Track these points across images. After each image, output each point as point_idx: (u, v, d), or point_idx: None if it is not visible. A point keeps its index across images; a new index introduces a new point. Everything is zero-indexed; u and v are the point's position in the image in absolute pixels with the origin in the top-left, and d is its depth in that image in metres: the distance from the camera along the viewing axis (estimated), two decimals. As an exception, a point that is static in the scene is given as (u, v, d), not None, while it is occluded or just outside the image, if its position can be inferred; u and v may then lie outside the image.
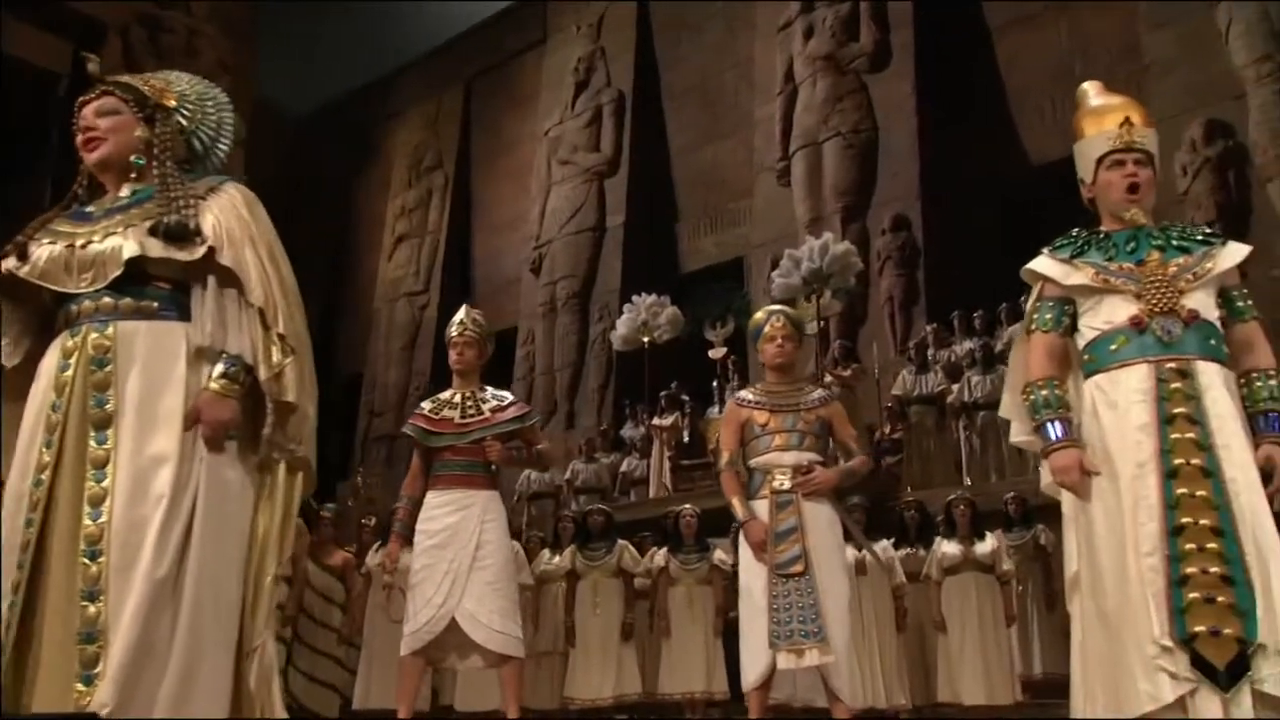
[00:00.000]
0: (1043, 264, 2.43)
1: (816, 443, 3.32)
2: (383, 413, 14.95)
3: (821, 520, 3.23)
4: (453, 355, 3.59)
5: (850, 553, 5.63)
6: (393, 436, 14.51)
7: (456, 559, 3.31)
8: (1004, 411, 2.54)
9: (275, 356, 1.95)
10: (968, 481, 7.99)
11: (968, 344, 9.29)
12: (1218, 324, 2.26)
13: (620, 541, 5.84)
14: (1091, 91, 2.56)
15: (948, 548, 5.51)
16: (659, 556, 5.77)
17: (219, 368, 1.93)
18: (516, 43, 15.50)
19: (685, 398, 10.24)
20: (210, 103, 2.26)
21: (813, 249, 8.90)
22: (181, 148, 2.18)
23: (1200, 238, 2.35)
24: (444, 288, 15.13)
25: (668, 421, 9.72)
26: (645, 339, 10.30)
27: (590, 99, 14.15)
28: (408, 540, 3.45)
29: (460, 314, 3.65)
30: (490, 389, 3.64)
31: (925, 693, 5.74)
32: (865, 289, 10.78)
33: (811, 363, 9.98)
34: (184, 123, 2.20)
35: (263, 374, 1.93)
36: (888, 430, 9.17)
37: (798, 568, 3.11)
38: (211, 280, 2.00)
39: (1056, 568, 6.93)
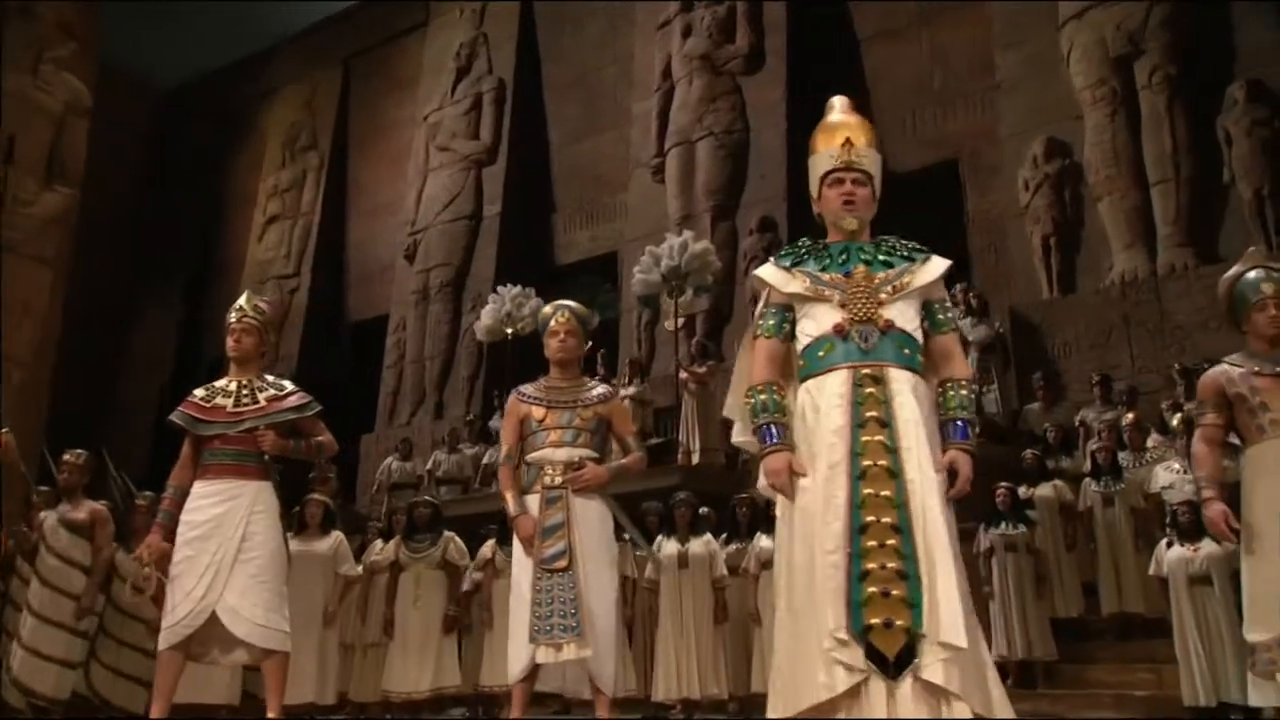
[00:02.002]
0: (766, 271, 2.53)
1: (593, 439, 3.37)
2: (247, 398, 14.45)
3: (591, 516, 3.28)
4: (230, 341, 3.51)
5: (674, 546, 5.77)
6: (256, 423, 14.09)
7: (220, 551, 3.24)
8: (727, 412, 2.64)
9: None
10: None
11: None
12: (915, 334, 2.39)
13: (446, 533, 5.81)
14: (837, 106, 2.66)
15: (765, 542, 5.66)
16: (486, 548, 5.78)
17: None
18: (398, 24, 15.19)
19: (551, 390, 10.27)
20: None
21: (672, 247, 9.02)
22: None
23: (905, 253, 2.47)
24: (315, 272, 14.75)
25: (528, 414, 9.71)
26: (509, 330, 10.26)
27: (471, 86, 13.99)
28: (171, 531, 3.36)
29: (241, 300, 3.57)
30: (271, 378, 3.56)
31: (747, 683, 5.90)
32: (732, 288, 10.99)
33: (671, 361, 10.14)
34: None
35: None
36: (744, 427, 9.36)
37: (561, 563, 3.16)
38: None
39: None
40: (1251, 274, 3.26)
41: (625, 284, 11.79)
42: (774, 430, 2.36)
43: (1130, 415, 7.24)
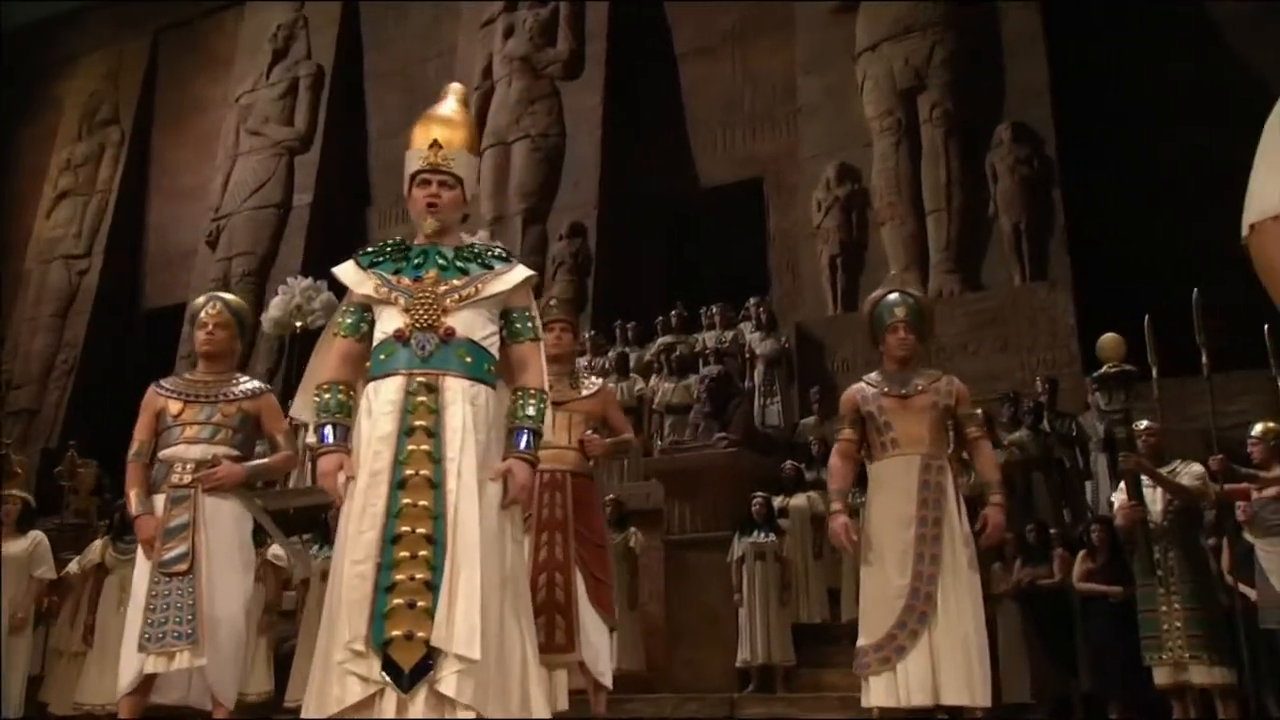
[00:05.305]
0: (345, 269, 2.46)
1: (234, 436, 3.22)
2: (23, 385, 13.42)
3: (223, 517, 3.13)
4: None
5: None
6: (32, 411, 13.10)
7: None
8: (294, 412, 2.57)
9: None
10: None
11: (623, 350, 9.71)
12: (484, 343, 2.36)
13: (163, 534, 5.48)
14: (447, 95, 2.60)
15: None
16: (95, 547, 5.52)
17: None
18: (214, -1, 14.48)
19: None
20: None
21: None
22: None
23: (484, 261, 2.44)
24: (109, 253, 13.84)
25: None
26: (298, 324, 9.88)
27: (287, 69, 13.46)
28: None
29: None
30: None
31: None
32: (538, 291, 10.93)
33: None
34: None
35: None
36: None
37: (181, 566, 3.00)
38: None
39: (643, 569, 7.31)
40: (890, 297, 3.42)
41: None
42: (332, 431, 2.30)
43: (883, 430, 7.57)
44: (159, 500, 3.12)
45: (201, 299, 3.41)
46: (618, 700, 6.52)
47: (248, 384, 3.34)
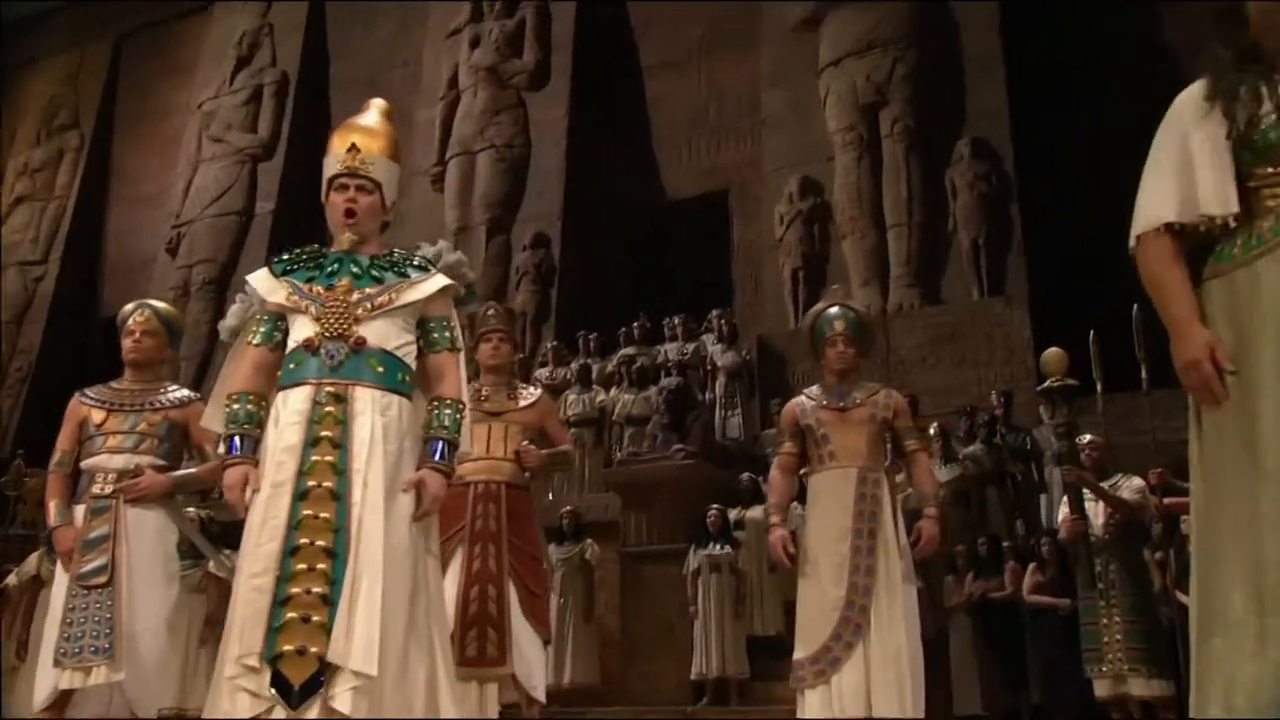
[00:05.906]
0: (258, 277, 2.42)
1: (159, 446, 3.17)
2: (-25, 393, 13.18)
3: (146, 529, 3.07)
4: None
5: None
6: (-16, 421, 12.85)
7: None
8: (206, 421, 2.52)
9: None
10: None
11: (586, 361, 9.68)
12: (399, 353, 2.32)
13: (102, 546, 5.37)
14: (369, 108, 2.57)
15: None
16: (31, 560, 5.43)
17: None
18: (178, 4, 14.32)
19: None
20: None
21: (425, 257, 8.82)
22: None
23: (400, 269, 2.41)
24: (67, 260, 13.64)
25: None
26: (256, 333, 9.74)
27: (251, 76, 13.35)
28: None
29: None
30: None
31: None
32: (501, 301, 10.90)
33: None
34: None
35: None
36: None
37: (100, 579, 2.94)
38: None
39: (599, 581, 7.27)
40: (830, 311, 3.43)
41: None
42: (239, 442, 2.25)
43: (841, 443, 7.58)
44: (79, 511, 3.05)
45: (130, 306, 3.35)
46: (573, 713, 6.49)
47: (175, 392, 3.28)
